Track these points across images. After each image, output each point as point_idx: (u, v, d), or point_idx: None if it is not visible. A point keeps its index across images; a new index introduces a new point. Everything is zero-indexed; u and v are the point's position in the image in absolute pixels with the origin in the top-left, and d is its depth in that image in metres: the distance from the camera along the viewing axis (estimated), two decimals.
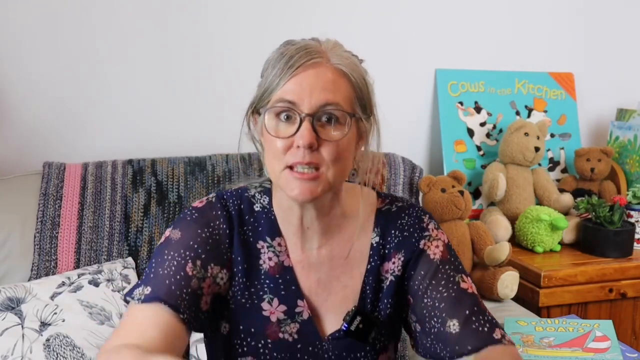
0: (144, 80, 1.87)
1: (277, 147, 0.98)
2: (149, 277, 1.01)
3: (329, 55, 1.01)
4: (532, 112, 2.27)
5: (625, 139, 2.24)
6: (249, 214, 1.09)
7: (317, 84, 0.98)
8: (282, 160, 0.98)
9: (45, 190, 1.54)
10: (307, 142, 0.95)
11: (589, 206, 1.96)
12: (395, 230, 1.10)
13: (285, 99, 0.97)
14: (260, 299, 1.06)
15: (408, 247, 1.09)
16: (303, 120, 0.96)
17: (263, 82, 1.02)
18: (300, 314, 1.06)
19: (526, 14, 2.26)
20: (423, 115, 2.19)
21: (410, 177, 1.83)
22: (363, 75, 1.05)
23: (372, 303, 1.09)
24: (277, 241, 1.08)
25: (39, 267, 1.48)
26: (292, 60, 0.98)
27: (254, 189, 1.12)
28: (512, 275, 1.76)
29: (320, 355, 1.06)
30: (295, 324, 1.06)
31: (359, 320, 1.05)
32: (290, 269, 1.07)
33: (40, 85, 1.78)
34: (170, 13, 1.87)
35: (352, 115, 1.00)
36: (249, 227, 1.08)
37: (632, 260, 1.91)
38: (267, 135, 1.00)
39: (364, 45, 2.17)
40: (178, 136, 1.89)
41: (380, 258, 1.09)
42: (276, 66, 0.99)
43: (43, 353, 1.28)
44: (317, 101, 0.97)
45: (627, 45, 2.39)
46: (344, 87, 1.00)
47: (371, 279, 1.09)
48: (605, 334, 1.42)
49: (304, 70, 0.98)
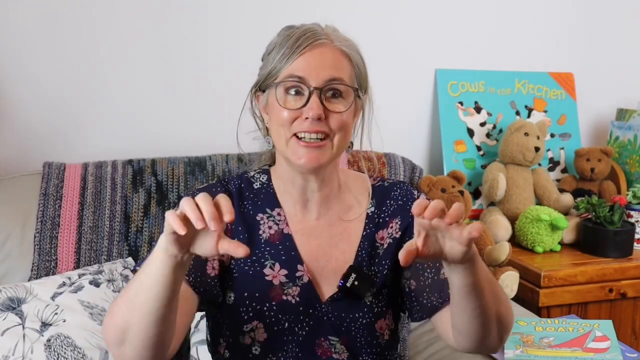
0: (144, 80, 1.87)
1: (285, 117, 1.07)
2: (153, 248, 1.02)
3: (332, 37, 1.11)
4: (532, 112, 2.27)
5: (625, 139, 2.24)
6: (248, 191, 1.17)
7: (324, 62, 1.08)
8: (290, 129, 1.07)
9: (45, 190, 1.54)
10: (315, 114, 1.05)
11: (589, 206, 1.96)
12: (390, 200, 1.19)
13: (295, 75, 1.07)
14: (262, 265, 1.12)
15: (404, 212, 1.17)
16: (312, 94, 1.06)
17: (269, 62, 1.11)
18: (300, 277, 1.12)
19: (526, 14, 2.26)
20: (423, 115, 2.19)
21: (410, 177, 1.83)
22: (361, 56, 1.15)
23: (367, 267, 1.15)
24: (277, 211, 1.16)
25: (39, 267, 1.48)
26: (299, 41, 1.08)
27: (253, 172, 1.21)
28: (512, 275, 1.76)
29: (320, 317, 1.12)
30: (296, 287, 1.12)
31: (354, 277, 1.11)
32: (289, 236, 1.14)
33: (40, 86, 1.78)
34: (170, 13, 1.87)
35: (354, 90, 1.11)
36: (249, 202, 1.16)
37: (632, 260, 1.91)
38: (275, 106, 1.08)
39: (364, 45, 2.16)
40: (178, 136, 1.89)
41: (375, 226, 1.17)
42: (283, 46, 1.08)
43: (44, 353, 1.28)
44: (324, 76, 1.07)
45: (627, 45, 2.39)
46: (346, 65, 1.11)
47: (366, 244, 1.16)
48: (605, 334, 1.42)
49: (311, 49, 1.08)
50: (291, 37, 1.09)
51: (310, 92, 1.06)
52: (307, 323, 1.12)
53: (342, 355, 1.13)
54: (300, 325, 1.11)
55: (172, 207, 1.58)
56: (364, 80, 1.15)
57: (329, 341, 1.12)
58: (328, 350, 1.12)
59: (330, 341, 1.12)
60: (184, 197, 0.86)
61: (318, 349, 1.12)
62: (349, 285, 1.11)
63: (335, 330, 1.12)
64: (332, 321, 1.12)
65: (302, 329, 1.12)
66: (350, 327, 1.13)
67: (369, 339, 1.14)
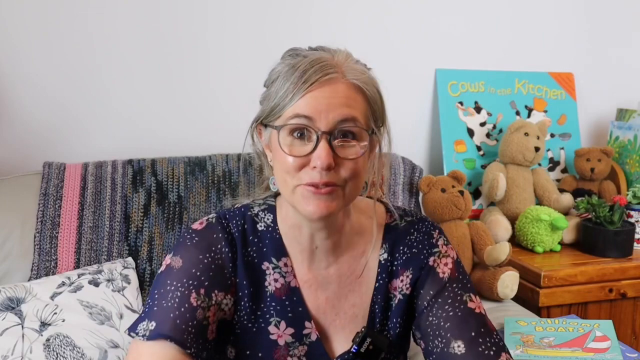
0: (145, 80, 1.87)
1: (291, 164, 0.94)
2: (153, 310, 0.97)
3: (344, 69, 0.97)
4: (532, 112, 2.27)
5: (625, 139, 2.24)
6: (252, 234, 1.05)
7: (334, 100, 0.94)
8: (296, 177, 0.95)
9: (45, 190, 1.54)
10: (325, 164, 0.92)
11: (589, 206, 1.96)
12: (404, 247, 1.07)
13: (301, 114, 0.93)
14: (267, 322, 1.03)
15: (416, 264, 1.06)
16: (320, 139, 0.93)
17: (272, 95, 0.97)
18: (308, 335, 1.04)
19: (526, 14, 2.26)
20: (423, 115, 2.19)
21: (410, 177, 1.83)
22: (377, 88, 1.01)
23: (381, 322, 1.07)
24: (283, 261, 1.05)
25: (39, 267, 1.48)
26: (306, 75, 0.93)
27: (257, 207, 1.08)
28: (512, 275, 1.76)
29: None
30: (303, 347, 1.03)
31: (369, 342, 1.02)
32: (297, 290, 1.04)
33: (40, 86, 1.78)
34: (170, 12, 1.87)
35: (369, 132, 0.97)
36: (253, 248, 1.04)
37: (632, 260, 1.91)
38: (279, 151, 0.96)
39: (364, 45, 2.18)
40: (178, 136, 1.89)
41: (389, 275, 1.06)
42: (289, 80, 0.94)
43: (43, 353, 1.28)
44: (335, 117, 0.93)
45: (627, 45, 2.39)
46: (360, 102, 0.97)
47: (380, 297, 1.06)
48: (605, 334, 1.42)
49: (320, 86, 0.93)
50: (297, 68, 0.94)
51: (319, 136, 0.92)
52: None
53: None
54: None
55: (172, 207, 1.58)
56: (380, 114, 1.01)
57: None
58: None
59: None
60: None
61: None
62: (363, 350, 1.02)
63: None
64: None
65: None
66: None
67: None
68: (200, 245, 1.01)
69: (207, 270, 0.99)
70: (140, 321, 0.97)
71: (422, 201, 1.89)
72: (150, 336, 0.94)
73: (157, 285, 1.00)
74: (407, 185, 1.81)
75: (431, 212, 1.86)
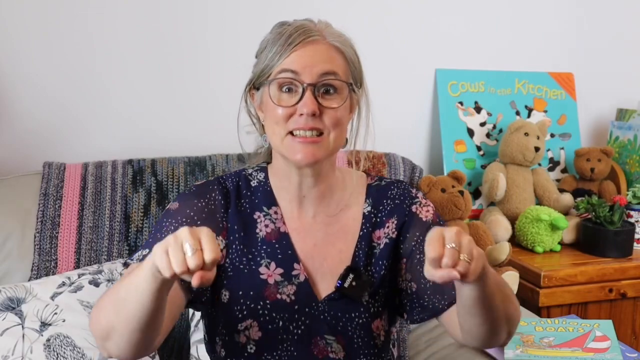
0: (144, 80, 1.87)
1: (280, 114, 1.07)
2: (148, 242, 1.09)
3: (325, 33, 1.11)
4: (532, 112, 2.27)
5: (625, 139, 2.24)
6: (246, 189, 1.17)
7: (317, 57, 1.07)
8: (285, 126, 1.07)
9: (45, 190, 1.54)
10: (310, 110, 1.05)
11: (589, 206, 1.96)
12: (387, 199, 1.19)
13: (288, 69, 1.06)
14: (257, 263, 1.12)
15: (401, 211, 1.17)
16: (305, 90, 1.06)
17: (261, 60, 1.11)
18: (297, 276, 1.12)
19: (526, 14, 2.26)
20: (423, 115, 2.19)
21: (410, 177, 1.83)
22: (355, 50, 1.14)
23: (365, 267, 1.15)
24: (274, 209, 1.15)
25: (39, 267, 1.48)
26: (291, 38, 1.07)
27: (251, 169, 1.20)
28: (512, 275, 1.76)
29: (317, 316, 1.12)
30: (292, 286, 1.11)
31: (352, 277, 1.11)
32: (286, 235, 1.14)
33: (40, 86, 1.78)
34: (170, 12, 1.87)
35: (348, 85, 1.10)
36: (246, 200, 1.16)
37: (632, 260, 1.91)
38: (270, 104, 1.08)
39: (364, 45, 2.16)
40: (178, 136, 1.89)
41: (372, 226, 1.17)
42: (276, 43, 1.08)
43: (43, 353, 1.28)
44: (317, 70, 1.06)
45: (627, 45, 2.39)
46: (340, 61, 1.10)
47: (363, 244, 1.16)
48: (605, 334, 1.42)
49: (304, 45, 1.07)
50: (283, 34, 1.09)
51: (304, 88, 1.06)
52: (302, 322, 1.12)
53: (339, 354, 1.12)
54: (296, 324, 1.11)
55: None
56: (358, 75, 1.14)
57: (325, 340, 1.12)
58: (324, 350, 1.12)
59: (326, 340, 1.12)
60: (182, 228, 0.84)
61: (314, 348, 1.12)
62: (346, 286, 1.11)
63: (332, 329, 1.12)
64: (328, 320, 1.12)
65: (298, 328, 1.11)
66: (347, 327, 1.12)
67: (365, 340, 1.13)
68: (196, 192, 1.15)
69: (200, 212, 1.11)
70: (135, 252, 1.10)
71: None
72: (142, 259, 1.04)
73: (156, 225, 1.13)
74: None
75: None
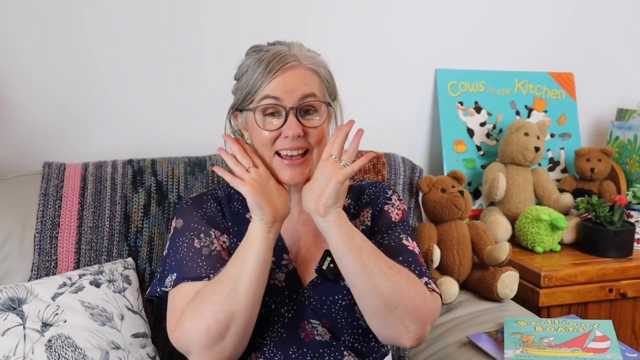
0: (144, 80, 1.87)
1: (266, 137, 1.17)
2: (171, 265, 1.21)
3: (300, 57, 1.19)
4: (532, 112, 2.27)
5: (625, 139, 2.24)
6: (237, 194, 1.28)
7: (296, 82, 1.16)
8: (272, 148, 1.18)
9: (45, 190, 1.54)
10: (294, 133, 1.15)
11: (589, 206, 1.96)
12: (364, 195, 1.33)
13: (270, 96, 1.16)
14: None
15: (374, 205, 1.30)
16: (288, 114, 1.15)
17: (243, 85, 1.20)
18: (286, 265, 1.24)
19: (526, 14, 2.26)
20: (423, 115, 2.19)
21: (410, 177, 1.83)
22: (328, 69, 1.24)
23: None
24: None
25: (39, 267, 1.48)
26: (270, 66, 1.16)
27: None
28: (512, 275, 1.76)
29: (303, 302, 1.22)
30: (282, 274, 1.23)
31: (329, 260, 1.19)
32: None
33: (40, 86, 1.78)
34: (170, 12, 1.87)
35: (326, 103, 1.21)
36: (238, 203, 1.29)
37: (632, 260, 1.91)
38: (255, 128, 1.18)
39: (364, 45, 2.16)
40: (178, 136, 1.89)
41: (352, 216, 1.28)
42: (256, 71, 1.17)
43: (45, 354, 1.28)
44: (298, 94, 1.16)
45: (627, 45, 2.39)
46: (317, 81, 1.20)
47: None
48: (605, 334, 1.42)
49: (282, 72, 1.16)
50: (262, 60, 1.17)
51: (287, 112, 1.15)
52: (291, 307, 1.21)
53: (325, 337, 1.21)
54: (286, 308, 1.21)
55: (172, 207, 1.59)
56: (333, 90, 1.25)
57: (311, 324, 1.21)
58: (311, 333, 1.21)
59: (312, 324, 1.21)
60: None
61: (302, 332, 1.21)
62: (325, 268, 1.19)
63: (316, 313, 1.21)
64: (313, 305, 1.21)
65: (288, 312, 1.21)
66: (331, 309, 1.21)
67: (349, 320, 1.21)
68: (193, 205, 1.29)
69: (202, 219, 1.25)
70: (164, 278, 1.21)
71: (422, 201, 1.89)
72: (174, 284, 1.18)
73: (170, 246, 1.25)
74: (407, 185, 1.81)
75: (431, 212, 1.86)
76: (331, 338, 1.21)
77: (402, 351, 1.68)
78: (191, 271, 1.18)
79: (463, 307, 1.75)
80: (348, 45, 2.04)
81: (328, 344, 1.21)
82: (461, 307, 1.76)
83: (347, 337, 1.22)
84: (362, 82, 2.06)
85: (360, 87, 2.05)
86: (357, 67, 2.06)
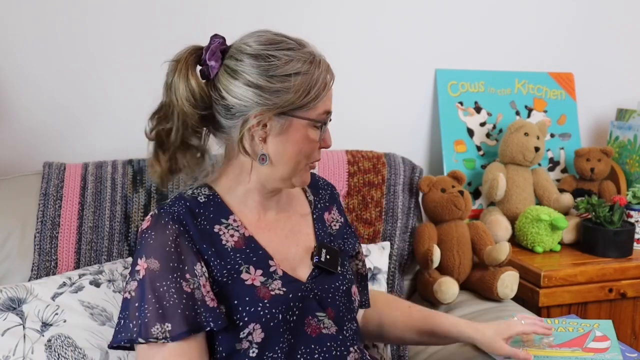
0: (144, 80, 1.86)
1: (316, 149, 1.18)
2: (159, 313, 1.06)
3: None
4: (532, 112, 2.27)
5: (625, 139, 2.24)
6: (197, 207, 1.18)
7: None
8: (311, 157, 1.19)
9: (45, 190, 1.54)
10: (331, 143, 1.21)
11: (589, 206, 1.96)
12: (320, 189, 1.35)
13: (329, 111, 1.17)
14: (238, 272, 1.15)
15: (334, 200, 1.37)
16: (326, 125, 1.18)
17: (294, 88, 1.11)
18: (275, 272, 1.17)
19: (527, 14, 2.26)
20: (423, 115, 2.19)
21: (410, 177, 1.83)
22: None
23: (328, 243, 1.29)
24: (232, 218, 1.19)
25: (39, 267, 1.48)
26: (327, 77, 1.15)
27: (190, 190, 1.22)
28: (512, 275, 1.76)
29: (306, 297, 1.18)
30: (277, 281, 1.16)
31: (325, 252, 1.23)
32: (251, 238, 1.19)
33: (40, 86, 1.78)
34: (169, 13, 1.87)
35: None
36: (202, 217, 1.17)
37: (632, 260, 1.91)
38: (307, 141, 1.15)
39: (364, 45, 2.16)
40: None
41: (321, 210, 1.32)
42: (317, 81, 1.13)
43: (45, 354, 1.28)
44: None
45: (627, 45, 2.39)
46: None
47: (320, 225, 1.30)
48: (605, 334, 1.42)
49: None
50: (321, 70, 1.14)
51: (326, 123, 1.17)
52: (296, 307, 1.16)
53: (331, 329, 1.18)
54: (291, 312, 1.16)
55: None
56: None
57: (317, 318, 1.18)
58: (317, 328, 1.17)
59: (318, 317, 1.18)
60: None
61: (307, 328, 1.17)
62: (323, 260, 1.21)
63: (321, 304, 1.19)
64: (318, 296, 1.19)
65: (293, 315, 1.16)
66: (335, 297, 1.21)
67: (347, 305, 1.23)
68: (159, 238, 1.11)
69: (179, 255, 1.11)
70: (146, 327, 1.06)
71: (422, 201, 1.89)
72: (172, 337, 1.05)
73: (147, 289, 1.08)
74: (407, 185, 1.82)
75: (431, 212, 1.86)
76: (337, 331, 1.18)
77: (402, 351, 1.68)
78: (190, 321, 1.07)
79: (463, 307, 1.75)
80: (348, 44, 2.04)
81: (335, 337, 1.18)
82: (461, 307, 1.76)
83: (348, 324, 1.22)
84: (362, 82, 2.06)
85: (360, 87, 2.05)
86: (357, 67, 2.06)
